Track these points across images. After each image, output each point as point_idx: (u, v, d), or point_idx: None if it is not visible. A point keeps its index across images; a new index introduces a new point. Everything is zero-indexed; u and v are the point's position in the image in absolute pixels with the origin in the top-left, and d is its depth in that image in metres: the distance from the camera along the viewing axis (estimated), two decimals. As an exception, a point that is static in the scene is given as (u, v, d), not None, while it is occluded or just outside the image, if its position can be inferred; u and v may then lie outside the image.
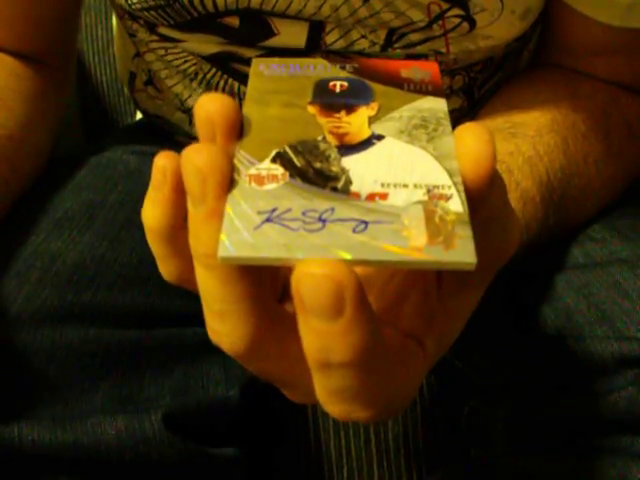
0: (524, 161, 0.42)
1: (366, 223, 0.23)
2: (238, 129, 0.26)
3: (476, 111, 0.54)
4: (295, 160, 0.26)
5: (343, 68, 0.31)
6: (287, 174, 0.25)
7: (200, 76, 0.52)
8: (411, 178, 0.25)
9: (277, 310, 0.25)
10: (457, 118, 0.54)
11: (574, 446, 0.41)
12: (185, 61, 0.52)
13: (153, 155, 0.56)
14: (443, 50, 0.46)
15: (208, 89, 0.52)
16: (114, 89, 0.79)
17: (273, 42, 0.47)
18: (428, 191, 0.25)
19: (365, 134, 0.27)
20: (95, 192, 0.49)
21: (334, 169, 0.26)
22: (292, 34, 0.46)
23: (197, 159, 0.23)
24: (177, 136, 0.58)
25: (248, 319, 0.24)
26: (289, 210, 0.24)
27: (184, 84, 0.54)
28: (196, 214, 0.24)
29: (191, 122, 0.56)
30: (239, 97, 0.51)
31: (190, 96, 0.54)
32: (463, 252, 0.22)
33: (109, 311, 0.41)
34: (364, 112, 0.28)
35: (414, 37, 0.45)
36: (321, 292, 0.21)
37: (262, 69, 0.31)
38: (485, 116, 0.47)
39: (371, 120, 0.28)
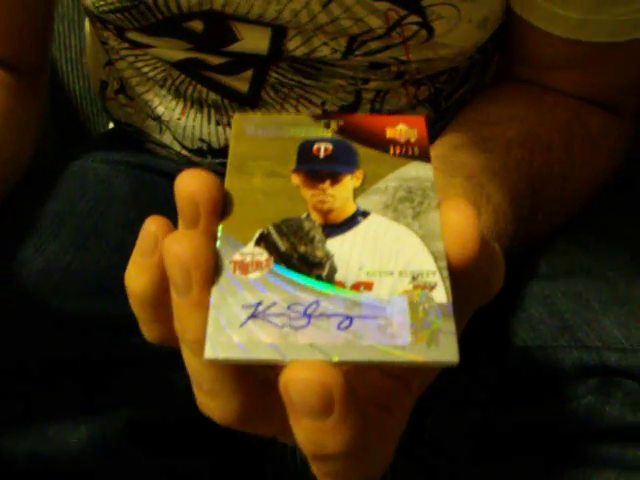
0: (494, 175, 0.42)
1: (351, 318, 0.24)
2: (221, 206, 0.26)
3: (443, 123, 0.55)
4: (279, 243, 0.26)
5: (328, 126, 0.30)
6: (271, 260, 0.25)
7: (169, 83, 0.52)
8: (396, 264, 0.25)
9: (266, 382, 0.25)
10: None
11: (537, 454, 0.42)
12: (154, 68, 0.52)
13: (123, 164, 0.56)
14: (403, 58, 0.47)
15: (177, 96, 0.53)
16: (87, 98, 0.79)
17: (236, 47, 0.47)
18: (413, 279, 0.25)
19: (350, 210, 0.27)
20: (64, 201, 0.49)
21: (318, 254, 0.25)
22: (255, 40, 0.46)
23: (179, 249, 0.23)
24: (147, 144, 0.59)
25: (237, 396, 0.25)
26: (274, 304, 0.24)
27: (154, 91, 0.54)
28: (181, 304, 0.24)
29: (161, 130, 0.56)
30: (207, 103, 0.52)
31: (160, 103, 0.54)
32: (446, 350, 0.23)
33: (74, 319, 0.41)
34: (349, 183, 0.28)
35: (374, 45, 0.46)
36: (309, 395, 0.22)
37: (244, 128, 0.30)
38: (454, 131, 0.47)
39: (356, 192, 0.27)
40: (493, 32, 0.48)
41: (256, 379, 0.25)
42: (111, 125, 0.67)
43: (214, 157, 0.55)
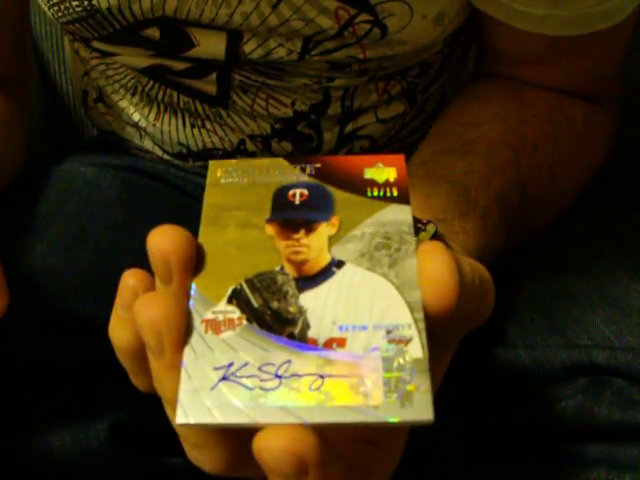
0: (479, 179, 0.41)
1: (323, 377, 0.23)
2: (194, 262, 0.26)
3: (422, 117, 0.54)
4: (252, 299, 0.25)
5: (303, 170, 0.30)
6: (243, 318, 0.25)
7: (140, 89, 0.52)
8: (370, 317, 0.25)
9: (248, 431, 0.25)
10: (403, 125, 0.54)
11: (527, 454, 0.41)
12: (124, 75, 0.52)
13: (110, 166, 0.56)
14: (360, 56, 0.46)
15: (149, 102, 0.52)
16: (78, 100, 0.79)
17: (194, 53, 0.47)
18: (387, 332, 0.24)
19: (324, 260, 0.26)
20: (51, 203, 0.49)
21: (291, 309, 0.25)
22: (211, 44, 0.46)
23: (151, 313, 0.24)
24: (131, 150, 0.58)
25: (222, 449, 0.25)
26: (245, 364, 0.24)
27: (127, 99, 0.54)
28: (156, 364, 0.25)
29: (141, 136, 0.56)
30: (180, 107, 0.51)
31: (135, 110, 0.54)
32: (420, 409, 0.22)
33: (60, 320, 0.41)
34: (324, 231, 0.27)
35: (329, 45, 0.45)
36: (283, 463, 0.22)
37: (219, 176, 0.30)
38: (434, 136, 0.46)
39: (332, 240, 0.27)
40: (458, 25, 0.47)
41: (238, 431, 0.25)
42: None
43: (195, 160, 0.55)
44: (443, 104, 0.52)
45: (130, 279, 0.26)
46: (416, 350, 0.24)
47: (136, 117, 0.54)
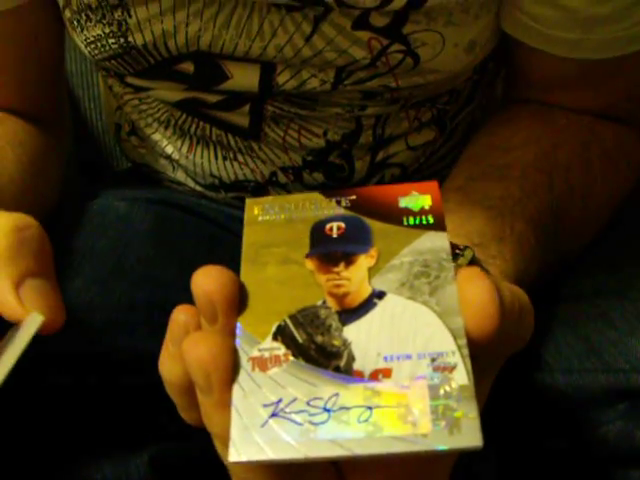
0: (514, 203, 0.42)
1: (370, 408, 0.24)
2: (237, 301, 0.27)
3: (452, 143, 0.55)
4: (296, 335, 0.26)
5: (339, 203, 0.30)
6: (289, 354, 0.25)
7: (173, 123, 0.53)
8: (414, 346, 0.25)
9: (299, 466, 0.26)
10: (433, 152, 0.54)
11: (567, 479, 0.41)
12: (157, 110, 0.53)
13: (142, 200, 0.57)
14: (393, 85, 0.46)
15: (182, 135, 0.53)
16: (109, 134, 0.80)
17: (228, 86, 0.47)
18: (432, 360, 0.24)
19: (365, 292, 0.27)
20: (85, 238, 0.50)
21: (336, 343, 0.26)
22: (245, 77, 0.47)
23: (199, 352, 0.24)
24: (164, 182, 0.59)
25: None
26: (294, 400, 0.24)
27: (160, 132, 0.55)
28: (205, 402, 0.25)
29: (174, 168, 0.57)
30: (212, 140, 0.52)
31: (168, 143, 0.55)
32: (468, 435, 0.23)
33: (98, 356, 0.41)
34: (363, 263, 0.28)
35: (362, 74, 0.46)
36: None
37: (256, 214, 0.30)
38: (468, 161, 0.47)
39: (371, 271, 0.27)
40: (488, 53, 0.48)
41: (287, 466, 0.25)
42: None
43: (227, 191, 0.55)
44: (472, 130, 0.52)
45: (181, 315, 0.27)
46: (461, 377, 0.24)
47: (169, 150, 0.55)
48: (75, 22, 0.47)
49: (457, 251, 0.36)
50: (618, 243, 0.47)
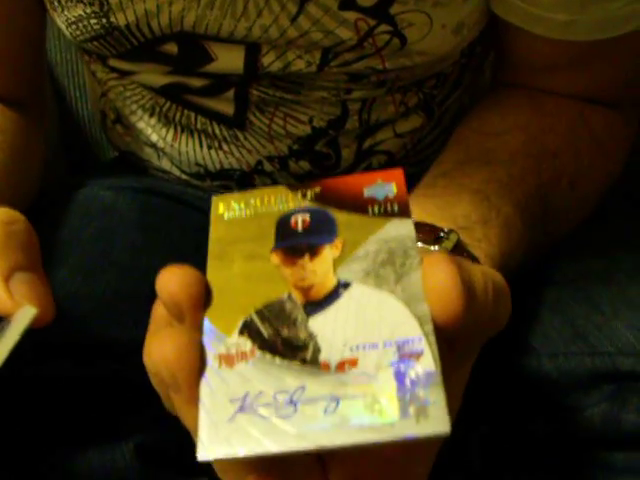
0: (501, 187, 0.41)
1: (337, 400, 0.24)
2: (203, 299, 0.27)
3: (440, 130, 0.54)
4: (262, 329, 0.26)
5: (304, 195, 0.30)
6: (255, 349, 0.26)
7: (157, 110, 0.52)
8: (380, 334, 0.25)
9: None
10: (420, 139, 0.54)
11: (553, 463, 0.41)
12: (142, 96, 0.52)
13: (128, 189, 0.57)
14: (380, 67, 0.46)
15: (167, 123, 0.53)
16: (95, 123, 0.80)
17: (213, 68, 0.47)
18: (398, 348, 0.24)
19: (330, 284, 0.27)
20: (71, 228, 0.49)
21: (302, 335, 0.26)
22: (230, 58, 0.46)
23: (164, 352, 0.25)
24: (150, 170, 0.59)
25: (255, 474, 0.26)
26: (260, 394, 0.24)
27: (145, 120, 0.54)
28: (176, 398, 0.26)
29: (159, 156, 0.57)
30: (197, 129, 0.52)
31: (153, 131, 0.55)
32: (436, 422, 0.23)
33: (84, 345, 0.41)
34: (328, 254, 0.28)
35: (348, 56, 0.45)
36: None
37: (222, 211, 0.30)
38: (455, 145, 0.47)
39: (336, 262, 0.27)
40: (476, 35, 0.47)
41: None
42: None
43: (213, 180, 0.55)
44: (460, 116, 0.52)
45: (159, 308, 0.27)
46: (428, 363, 0.24)
47: (154, 138, 0.55)
48: (55, 2, 0.46)
49: (442, 234, 0.36)
50: (604, 227, 0.47)
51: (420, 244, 0.36)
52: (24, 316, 0.28)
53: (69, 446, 0.40)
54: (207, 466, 0.44)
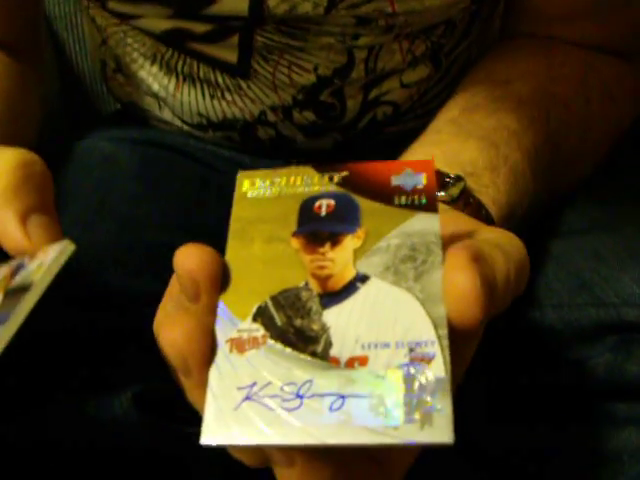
0: (509, 134, 0.41)
1: (343, 398, 0.23)
2: (220, 279, 0.26)
3: (447, 81, 0.54)
4: (276, 317, 0.26)
5: (331, 179, 0.29)
6: (267, 336, 0.25)
7: (159, 58, 0.51)
8: (393, 334, 0.24)
9: None
10: (427, 90, 0.53)
11: (557, 414, 0.41)
12: (143, 43, 0.51)
13: (128, 140, 0.56)
14: (389, 9, 0.45)
15: (169, 71, 0.52)
16: (96, 78, 0.79)
17: (216, 10, 0.46)
18: (410, 350, 0.24)
19: (349, 275, 0.26)
20: (70, 179, 0.49)
21: (315, 327, 0.25)
22: (234, 0, 0.45)
23: (174, 336, 0.25)
24: (151, 121, 0.58)
25: (260, 454, 0.26)
26: (268, 384, 0.24)
27: (146, 68, 0.53)
28: (185, 382, 0.26)
29: (160, 107, 0.56)
30: (199, 78, 0.51)
31: (154, 80, 0.54)
32: (440, 430, 0.22)
33: (83, 294, 0.41)
34: (349, 244, 0.27)
35: None
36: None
37: (246, 188, 0.30)
38: (463, 93, 0.46)
39: (357, 253, 0.27)
40: None
41: None
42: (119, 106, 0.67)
43: (215, 131, 0.54)
44: (468, 69, 0.51)
45: (175, 285, 0.27)
46: (439, 369, 0.23)
47: (155, 87, 0.54)
48: None
49: (448, 180, 0.36)
50: (611, 179, 0.47)
51: None
52: (64, 251, 0.27)
53: (66, 396, 0.40)
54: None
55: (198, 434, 0.43)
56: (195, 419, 0.43)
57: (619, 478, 0.38)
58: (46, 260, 0.27)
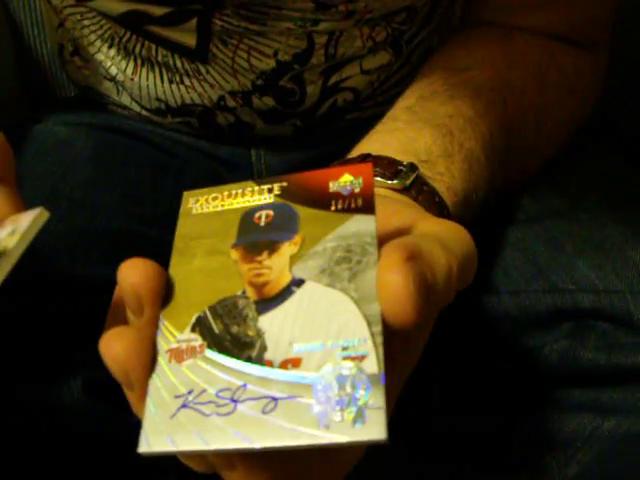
0: (465, 122, 0.41)
1: (276, 400, 0.24)
2: (163, 291, 0.27)
3: (408, 68, 0.53)
4: (213, 325, 0.26)
5: (270, 191, 0.30)
6: (205, 345, 0.26)
7: (117, 41, 0.50)
8: (327, 335, 0.24)
9: None
10: (387, 77, 0.53)
11: (510, 400, 0.41)
12: (100, 26, 0.50)
13: (84, 125, 0.55)
14: None
15: (127, 55, 0.51)
16: (55, 62, 0.77)
17: None
18: (343, 349, 0.24)
19: (284, 281, 0.26)
20: (23, 163, 0.48)
21: (250, 333, 0.26)
22: None
23: (115, 352, 0.25)
24: (109, 106, 0.57)
25: (205, 462, 0.27)
26: (203, 391, 0.25)
27: (104, 52, 0.52)
28: (129, 395, 0.27)
29: (119, 91, 0.55)
30: (157, 62, 0.50)
31: (112, 64, 0.53)
32: (373, 427, 0.22)
33: (33, 280, 0.40)
34: (286, 251, 0.27)
35: None
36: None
37: (191, 206, 0.30)
38: (421, 81, 0.46)
39: (294, 259, 0.27)
40: None
41: None
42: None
43: (174, 116, 0.54)
44: (428, 56, 0.51)
45: (117, 300, 0.27)
46: (371, 366, 0.23)
47: (113, 71, 0.53)
48: None
49: (401, 168, 0.35)
50: (568, 166, 0.47)
51: (379, 178, 0.35)
52: (38, 219, 0.27)
53: (15, 382, 0.39)
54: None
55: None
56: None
57: (572, 464, 0.39)
58: (20, 227, 0.27)
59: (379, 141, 0.39)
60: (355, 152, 0.39)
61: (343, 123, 0.54)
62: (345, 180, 0.29)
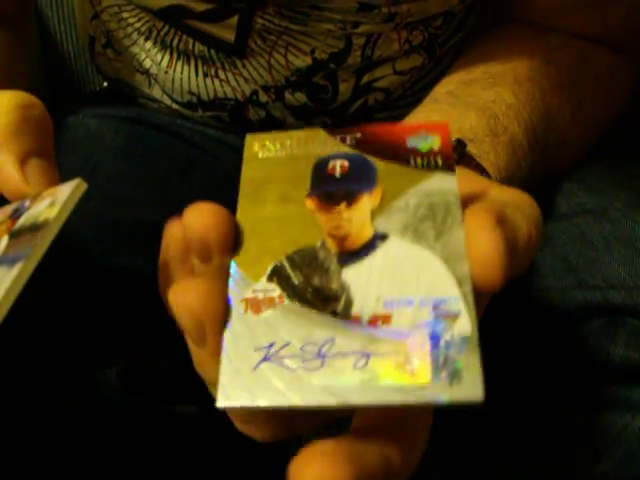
0: (507, 107, 0.41)
1: (367, 355, 0.23)
2: (232, 240, 0.25)
3: (439, 71, 0.54)
4: (292, 276, 0.25)
5: (344, 140, 0.29)
6: (284, 296, 0.24)
7: (154, 34, 0.51)
8: (417, 291, 0.24)
9: None
10: (419, 78, 0.53)
11: (541, 398, 0.41)
12: (139, 19, 0.51)
13: (114, 118, 0.55)
14: None
15: (163, 48, 0.51)
16: (81, 57, 0.78)
17: None
18: (434, 308, 0.23)
19: (367, 234, 0.26)
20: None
21: (334, 286, 0.24)
22: None
23: (188, 301, 0.23)
24: (139, 99, 0.57)
25: (273, 424, 0.25)
26: (287, 344, 0.23)
27: (140, 44, 0.53)
28: (198, 351, 0.25)
29: (150, 84, 0.55)
30: (194, 55, 0.50)
31: (147, 56, 0.53)
32: (470, 387, 0.21)
33: (66, 274, 0.40)
34: (366, 203, 0.26)
35: None
36: None
37: (256, 150, 0.29)
38: (460, 68, 0.46)
39: (374, 212, 0.26)
40: None
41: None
42: (106, 84, 0.66)
43: (205, 110, 0.54)
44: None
45: (175, 244, 0.26)
46: (465, 325, 0.23)
47: (147, 64, 0.53)
48: None
49: None
50: (599, 164, 0.47)
51: None
52: (78, 188, 0.27)
53: (53, 374, 0.39)
54: (195, 395, 0.43)
55: (184, 413, 0.42)
56: (186, 398, 0.43)
57: (601, 461, 0.39)
58: (59, 199, 0.26)
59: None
60: None
61: (372, 122, 0.54)
62: (423, 136, 0.28)
